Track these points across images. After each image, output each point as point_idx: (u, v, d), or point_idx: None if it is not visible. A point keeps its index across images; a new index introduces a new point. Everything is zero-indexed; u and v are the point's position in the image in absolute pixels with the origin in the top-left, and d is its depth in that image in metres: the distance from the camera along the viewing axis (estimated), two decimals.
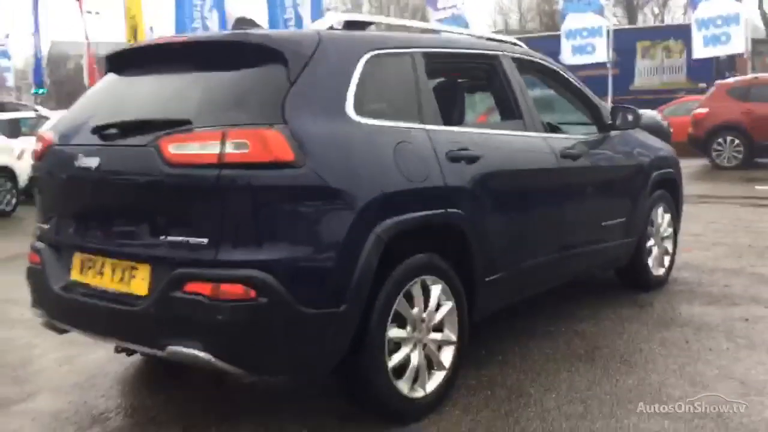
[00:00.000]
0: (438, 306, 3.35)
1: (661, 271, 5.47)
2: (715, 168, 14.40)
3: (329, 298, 2.86)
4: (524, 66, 4.31)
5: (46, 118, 13.63)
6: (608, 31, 17.60)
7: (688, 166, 10.71)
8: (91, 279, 3.22)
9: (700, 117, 14.11)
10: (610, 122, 4.83)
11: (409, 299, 3.21)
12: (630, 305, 5.01)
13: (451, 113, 3.76)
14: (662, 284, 5.46)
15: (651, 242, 5.31)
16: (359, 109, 3.11)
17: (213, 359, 2.77)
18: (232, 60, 3.07)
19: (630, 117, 4.78)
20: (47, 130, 3.54)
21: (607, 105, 5.08)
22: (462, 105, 4.08)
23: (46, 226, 3.47)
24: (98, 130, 3.14)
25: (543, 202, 4.11)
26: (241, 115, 2.85)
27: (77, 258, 3.30)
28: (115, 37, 22.66)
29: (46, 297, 3.40)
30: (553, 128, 4.59)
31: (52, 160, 3.40)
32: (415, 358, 3.25)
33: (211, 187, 2.77)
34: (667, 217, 5.52)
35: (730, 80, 14.56)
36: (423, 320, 3.28)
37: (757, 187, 11.76)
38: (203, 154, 2.78)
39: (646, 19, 43.19)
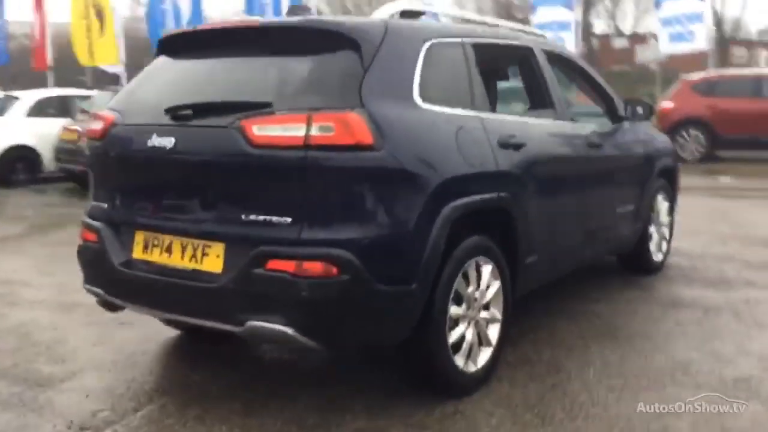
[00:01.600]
0: (488, 286, 3.52)
1: (660, 257, 5.76)
2: (679, 161, 14.85)
3: (403, 276, 3.00)
4: (552, 57, 4.50)
5: (16, 98, 13.33)
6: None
7: None
8: (156, 257, 3.28)
9: (666, 111, 14.60)
10: (622, 114, 5.06)
11: (465, 279, 3.37)
12: (635, 288, 5.27)
13: (496, 101, 3.92)
14: (660, 269, 5.75)
15: (652, 228, 5.58)
16: (424, 95, 3.25)
17: (294, 333, 2.88)
18: (305, 45, 3.16)
19: (641, 109, 5.03)
20: (107, 110, 3.57)
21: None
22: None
23: (103, 205, 3.51)
24: (173, 111, 3.19)
25: (574, 188, 4.32)
26: (320, 99, 2.95)
27: (140, 236, 3.36)
28: (62, 17, 21.99)
29: (105, 275, 3.45)
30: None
31: (117, 139, 3.44)
32: (470, 335, 3.41)
33: (297, 169, 2.87)
34: (666, 205, 5.81)
35: (695, 76, 15.07)
36: (476, 299, 3.44)
37: (721, 179, 12.28)
38: (289, 136, 2.88)
39: (599, 15, 44.04)
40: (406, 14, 3.62)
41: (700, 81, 14.84)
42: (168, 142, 3.14)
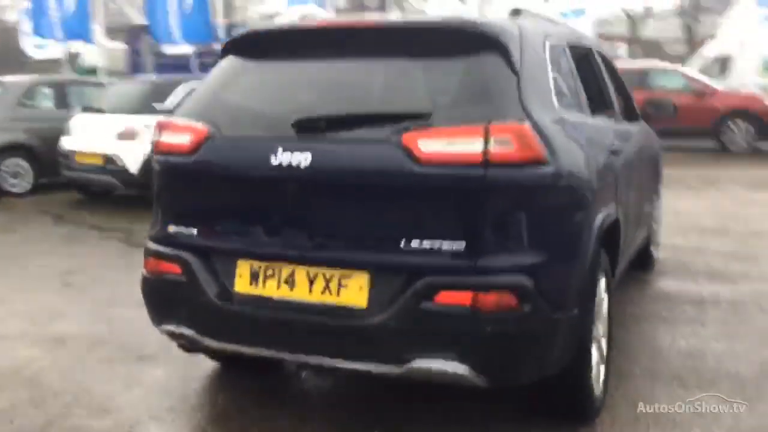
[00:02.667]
0: (602, 300, 3.35)
1: (655, 252, 5.86)
2: None
3: (571, 301, 2.76)
4: (601, 57, 4.38)
5: None
6: None
7: None
8: (272, 290, 2.82)
9: None
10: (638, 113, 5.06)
11: None
12: (638, 285, 5.30)
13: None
14: (655, 263, 5.85)
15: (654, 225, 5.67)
16: (558, 100, 3.01)
17: (469, 372, 2.57)
18: (442, 47, 2.82)
19: (664, 108, 5.06)
20: (187, 119, 3.02)
21: None
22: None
23: (189, 230, 2.97)
24: (304, 123, 2.74)
25: (635, 192, 4.23)
26: (482, 110, 2.64)
27: (244, 266, 2.88)
28: None
29: (197, 312, 2.94)
30: None
31: (217, 155, 2.92)
32: (596, 355, 3.23)
33: (473, 188, 2.54)
34: (660, 201, 5.91)
35: None
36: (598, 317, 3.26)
37: None
38: (464, 153, 2.54)
39: None
40: (515, 13, 3.34)
41: None
42: (302, 158, 2.69)
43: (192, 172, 2.96)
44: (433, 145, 2.56)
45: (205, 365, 3.83)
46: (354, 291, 2.69)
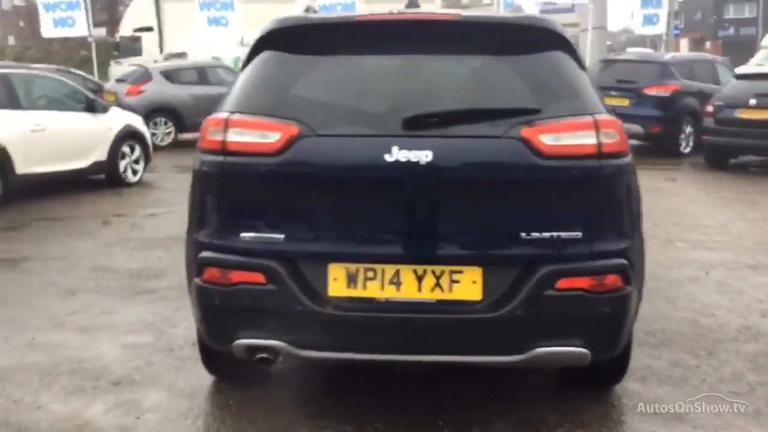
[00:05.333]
0: None
1: None
2: None
3: (641, 276, 3.02)
4: None
5: None
6: None
7: None
8: (375, 292, 2.73)
9: None
10: None
11: None
12: None
13: None
14: None
15: None
16: None
17: (584, 351, 2.74)
18: (518, 43, 2.91)
19: None
20: (267, 118, 2.76)
21: None
22: None
23: (273, 235, 2.74)
24: (419, 120, 2.68)
25: None
26: (575, 104, 2.80)
27: (338, 269, 2.74)
28: None
29: (290, 323, 2.74)
30: None
31: (315, 154, 2.73)
32: None
33: (589, 179, 2.71)
34: None
35: None
36: None
37: None
38: (581, 145, 2.69)
39: None
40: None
41: None
42: (422, 155, 2.63)
43: (278, 173, 2.73)
44: (553, 139, 2.68)
45: (199, 379, 3.54)
46: (467, 285, 2.72)
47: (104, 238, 6.63)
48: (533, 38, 2.94)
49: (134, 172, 9.50)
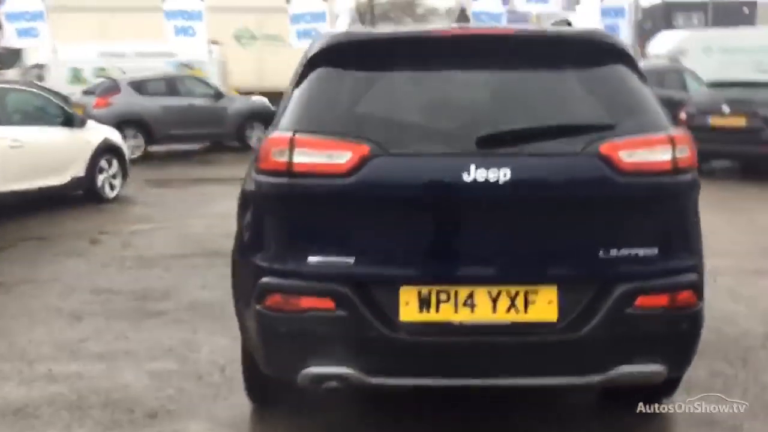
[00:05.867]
0: None
1: None
2: None
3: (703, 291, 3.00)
4: None
5: None
6: None
7: None
8: (449, 315, 2.65)
9: None
10: None
11: None
12: None
13: None
14: None
15: None
16: None
17: (662, 368, 2.71)
18: (579, 57, 2.87)
19: None
20: (341, 137, 2.66)
21: None
22: None
23: (343, 260, 2.64)
24: (494, 138, 2.62)
25: None
26: (646, 119, 2.77)
27: (409, 293, 2.65)
28: None
29: (361, 349, 2.64)
30: None
31: (389, 173, 2.63)
32: None
33: (666, 195, 2.70)
34: None
35: None
36: None
37: None
38: (658, 161, 2.65)
39: None
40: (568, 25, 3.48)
41: None
42: (501, 174, 2.56)
43: (349, 194, 2.62)
44: (632, 155, 2.64)
45: (239, 408, 3.40)
46: (542, 305, 2.66)
47: (96, 257, 6.39)
48: (595, 52, 2.90)
49: (112, 188, 9.23)
